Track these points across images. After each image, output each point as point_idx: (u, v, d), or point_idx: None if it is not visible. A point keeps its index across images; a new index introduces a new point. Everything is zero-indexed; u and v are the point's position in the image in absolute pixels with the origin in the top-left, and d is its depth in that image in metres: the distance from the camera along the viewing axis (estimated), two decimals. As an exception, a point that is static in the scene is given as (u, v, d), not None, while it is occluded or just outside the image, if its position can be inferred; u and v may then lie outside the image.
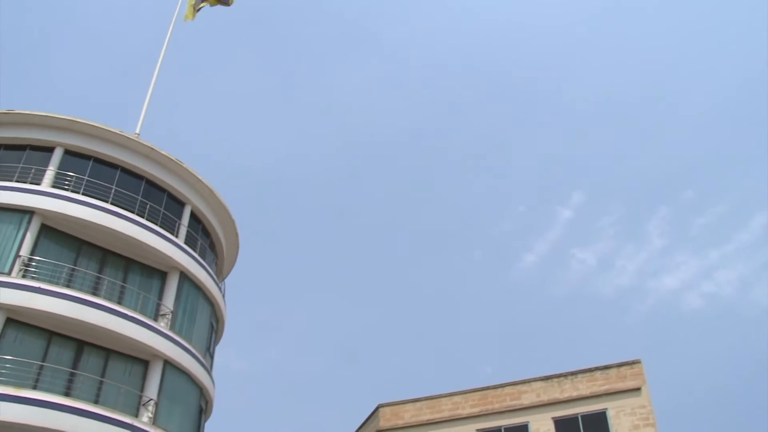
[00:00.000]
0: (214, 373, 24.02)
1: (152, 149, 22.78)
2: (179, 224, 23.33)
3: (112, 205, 21.17)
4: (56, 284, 19.19)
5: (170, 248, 22.09)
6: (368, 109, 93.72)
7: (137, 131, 24.28)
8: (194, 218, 24.50)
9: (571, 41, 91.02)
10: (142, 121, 25.09)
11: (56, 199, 20.28)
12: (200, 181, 24.16)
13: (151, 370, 20.56)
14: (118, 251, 21.45)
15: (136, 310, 20.49)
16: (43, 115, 21.64)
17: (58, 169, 21.25)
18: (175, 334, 21.20)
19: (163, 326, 20.91)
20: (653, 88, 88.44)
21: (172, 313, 21.56)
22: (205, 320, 23.66)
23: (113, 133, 22.16)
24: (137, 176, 22.74)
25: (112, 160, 22.21)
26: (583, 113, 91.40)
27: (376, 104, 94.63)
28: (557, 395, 27.47)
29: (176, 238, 22.70)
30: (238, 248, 27.47)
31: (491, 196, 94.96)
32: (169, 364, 20.85)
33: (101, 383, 19.37)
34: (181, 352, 21.24)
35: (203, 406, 22.91)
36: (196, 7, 28.50)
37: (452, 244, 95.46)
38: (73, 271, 20.09)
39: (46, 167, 21.15)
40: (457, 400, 29.23)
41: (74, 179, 21.15)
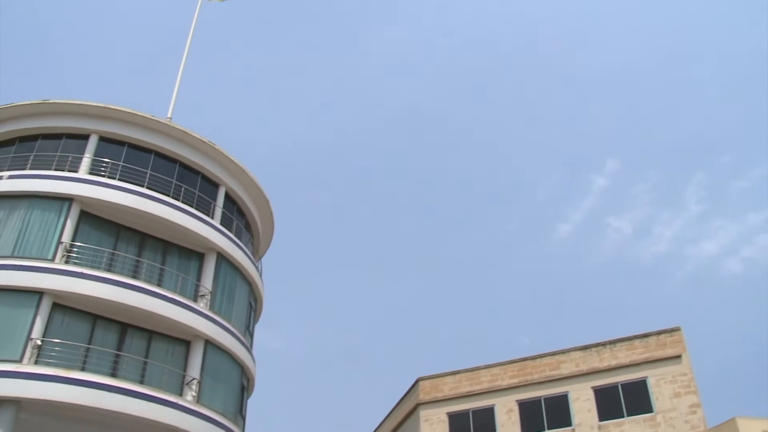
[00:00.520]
0: (254, 351, 24.40)
1: (185, 132, 23.01)
2: (214, 205, 23.59)
3: (147, 189, 21.47)
4: (98, 269, 19.60)
5: (206, 230, 22.36)
6: (395, 83, 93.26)
7: (169, 115, 24.56)
8: (229, 199, 24.75)
9: (600, 7, 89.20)
10: (173, 105, 25.41)
11: (93, 185, 20.65)
12: (233, 162, 24.36)
13: (192, 350, 20.95)
14: (155, 234, 21.77)
15: (175, 291, 20.83)
16: (77, 103, 21.99)
17: (93, 156, 21.63)
18: (214, 314, 21.53)
19: (202, 307, 21.25)
20: (687, 52, 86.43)
21: (210, 293, 21.88)
22: (243, 300, 23.98)
23: (146, 118, 22.43)
24: (171, 160, 23.01)
25: (145, 144, 22.51)
26: (614, 80, 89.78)
27: (403, 78, 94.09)
28: (596, 365, 27.35)
29: (212, 219, 22.97)
30: (273, 227, 27.73)
31: (524, 166, 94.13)
32: (210, 343, 21.22)
33: (145, 364, 19.83)
34: (221, 331, 21.58)
35: (245, 384, 23.32)
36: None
37: (487, 216, 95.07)
38: (113, 255, 20.49)
39: (82, 155, 21.54)
40: (496, 371, 29.30)
41: (110, 165, 21.50)
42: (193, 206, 22.44)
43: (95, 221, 20.72)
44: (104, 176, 21.15)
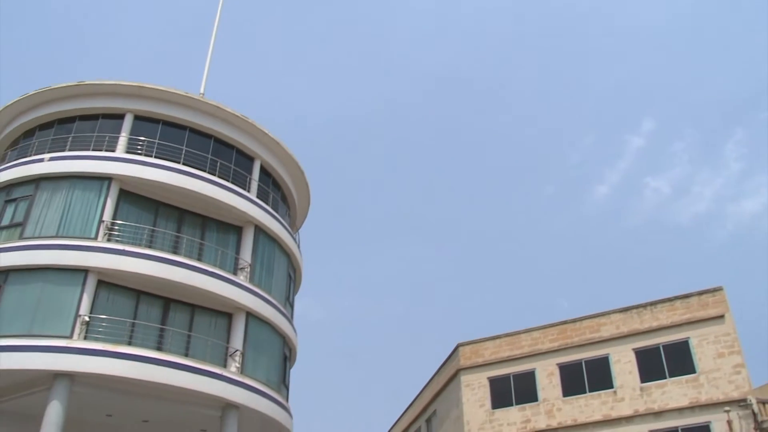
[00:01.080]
0: (294, 322, 24.76)
1: (218, 107, 23.15)
2: (250, 179, 23.79)
3: (183, 165, 21.73)
4: (139, 246, 20.01)
5: (244, 203, 22.60)
6: (425, 52, 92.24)
7: (201, 91, 24.73)
8: (264, 172, 24.92)
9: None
10: (205, 81, 25.56)
11: (131, 164, 20.97)
12: (267, 135, 24.47)
13: (234, 322, 21.33)
14: (194, 210, 22.07)
15: (215, 265, 21.16)
16: (112, 83, 22.24)
17: (129, 134, 21.91)
18: (254, 286, 21.85)
19: (242, 279, 21.57)
20: (725, 5, 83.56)
21: (250, 266, 22.17)
22: (282, 271, 24.26)
23: (179, 95, 22.61)
24: (206, 135, 23.21)
25: (180, 121, 22.72)
26: (648, 38, 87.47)
27: (432, 47, 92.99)
28: (637, 326, 27.15)
29: (248, 193, 23.18)
30: (309, 198, 27.89)
31: (558, 129, 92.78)
32: (251, 315, 21.57)
33: (189, 337, 20.27)
34: (261, 303, 21.91)
35: (287, 354, 23.71)
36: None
37: (523, 180, 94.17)
38: (153, 232, 20.86)
39: (118, 134, 21.84)
40: (536, 335, 29.31)
41: (146, 143, 21.79)
42: (229, 180, 22.66)
43: (134, 199, 21.08)
44: (141, 154, 21.46)
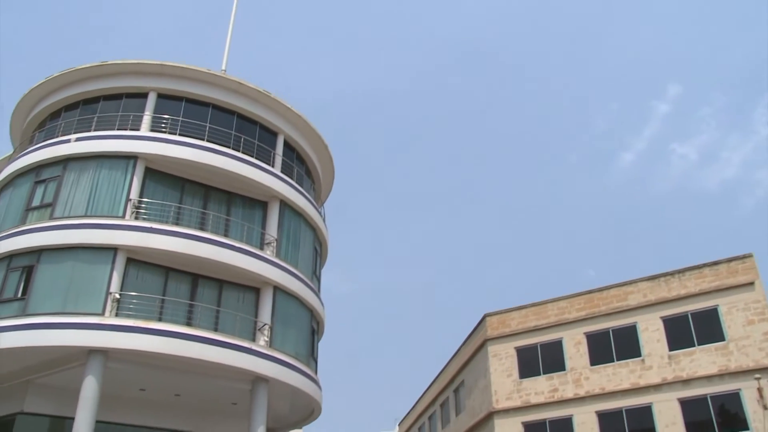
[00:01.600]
0: (321, 295, 24.97)
1: (240, 83, 23.18)
2: (274, 154, 23.86)
3: (207, 142, 21.85)
4: (166, 223, 20.25)
5: (268, 178, 22.71)
6: (450, 20, 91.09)
7: (223, 68, 24.76)
8: (288, 147, 24.98)
9: None
10: (226, 57, 25.57)
11: (156, 142, 21.12)
12: (290, 109, 24.48)
13: (262, 296, 21.58)
14: (219, 186, 22.24)
15: (242, 240, 21.37)
16: (134, 62, 22.35)
17: (153, 113, 22.05)
18: (281, 260, 22.04)
19: (269, 254, 21.77)
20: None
21: (276, 240, 22.35)
22: (308, 245, 24.42)
23: (202, 72, 22.64)
24: (229, 111, 23.28)
25: (202, 98, 22.79)
26: (672, 2, 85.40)
27: (458, 15, 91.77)
28: (665, 294, 26.97)
29: (273, 168, 23.27)
30: (333, 172, 27.94)
31: (582, 97, 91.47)
32: (278, 289, 21.79)
33: (218, 312, 20.57)
34: (288, 277, 22.11)
35: (315, 327, 23.96)
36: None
37: (546, 150, 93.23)
38: (179, 209, 21.06)
39: (142, 113, 21.99)
40: (562, 305, 29.26)
41: (170, 121, 21.92)
42: (253, 156, 22.75)
43: (160, 177, 21.27)
44: (165, 132, 21.61)
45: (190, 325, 19.52)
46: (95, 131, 21.51)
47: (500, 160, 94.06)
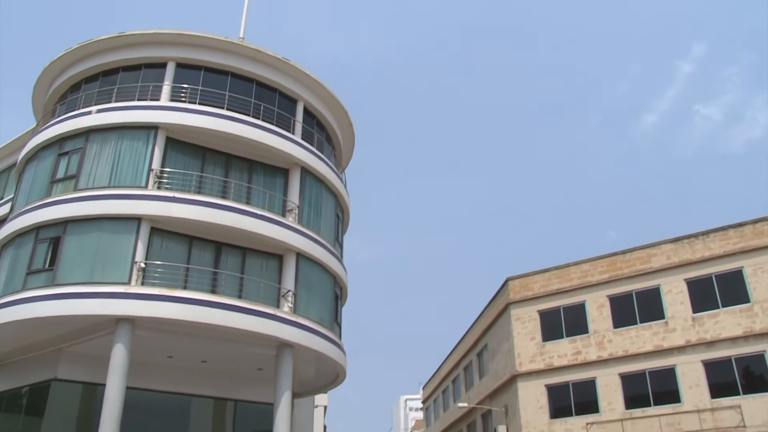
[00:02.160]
0: (344, 261, 25.10)
1: (258, 51, 23.07)
2: (294, 121, 23.82)
3: (227, 110, 21.86)
4: (188, 192, 20.39)
5: (289, 145, 22.71)
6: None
7: (241, 36, 24.64)
8: (308, 114, 24.91)
9: None
10: (244, 25, 25.44)
11: (176, 111, 21.17)
12: (309, 76, 24.37)
13: (285, 263, 21.73)
14: (240, 154, 22.28)
15: (264, 208, 21.46)
16: (152, 32, 22.30)
17: (172, 83, 22.07)
18: (303, 227, 22.15)
19: (291, 221, 21.88)
20: None
21: (298, 207, 22.43)
22: (330, 211, 24.49)
23: (220, 40, 22.57)
24: (248, 79, 23.22)
25: (221, 67, 22.73)
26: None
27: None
28: (689, 256, 26.77)
29: (293, 135, 23.26)
30: (353, 138, 27.87)
31: (602, 58, 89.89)
32: (301, 256, 21.93)
33: (242, 279, 20.78)
34: (311, 243, 22.24)
35: (338, 293, 24.14)
36: None
37: (567, 112, 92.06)
38: (201, 178, 21.16)
39: (161, 83, 22.01)
40: (585, 267, 29.19)
41: (189, 90, 21.92)
42: (273, 123, 22.73)
43: (181, 146, 21.36)
44: (185, 101, 21.64)
45: (214, 292, 19.75)
46: (115, 102, 21.63)
47: (522, 124, 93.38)
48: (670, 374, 25.75)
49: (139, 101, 21.50)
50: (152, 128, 20.92)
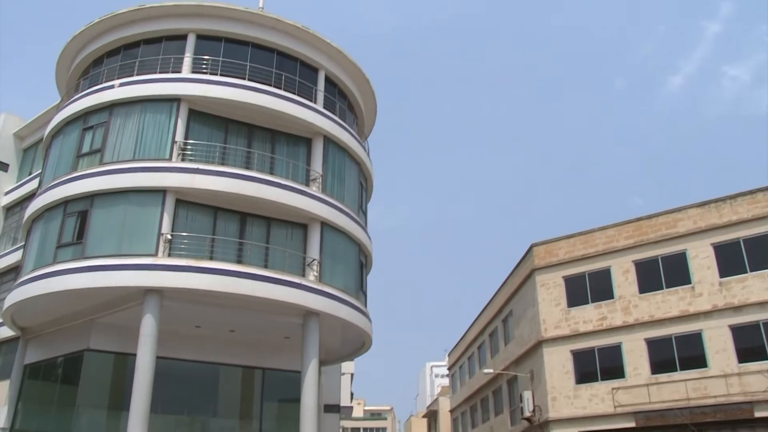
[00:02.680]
0: (369, 229, 25.16)
1: (279, 20, 22.95)
2: (316, 90, 23.75)
3: (249, 81, 21.84)
4: (212, 163, 20.52)
5: (311, 115, 22.68)
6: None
7: (261, 5, 24.48)
8: (329, 83, 24.81)
9: None
10: (263, -6, 25.27)
11: (198, 83, 21.21)
12: (330, 45, 24.22)
13: (310, 232, 21.84)
14: (262, 124, 22.30)
15: (287, 178, 21.52)
16: (171, 5, 22.25)
17: (194, 54, 22.08)
18: (327, 196, 22.21)
19: (315, 190, 21.93)
20: None
21: (321, 176, 22.46)
22: (353, 180, 24.50)
23: (239, 11, 22.47)
24: (268, 49, 23.14)
25: (242, 37, 22.67)
26: None
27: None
28: (716, 221, 26.41)
29: (315, 104, 23.21)
30: (375, 106, 27.75)
31: (626, 20, 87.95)
32: (326, 225, 22.03)
33: (267, 249, 20.94)
34: (335, 212, 22.31)
35: (363, 261, 24.25)
36: None
37: (591, 77, 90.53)
38: (224, 149, 21.26)
39: (182, 55, 22.02)
40: (610, 233, 28.95)
41: (210, 62, 21.92)
42: (294, 93, 22.69)
43: (204, 118, 21.42)
44: (206, 73, 21.66)
45: (240, 262, 19.94)
46: (138, 76, 21.71)
47: (544, 90, 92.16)
48: (696, 339, 25.61)
49: (160, 74, 21.57)
50: (175, 100, 20.99)
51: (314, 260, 21.27)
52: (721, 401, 24.23)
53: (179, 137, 20.55)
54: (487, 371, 35.12)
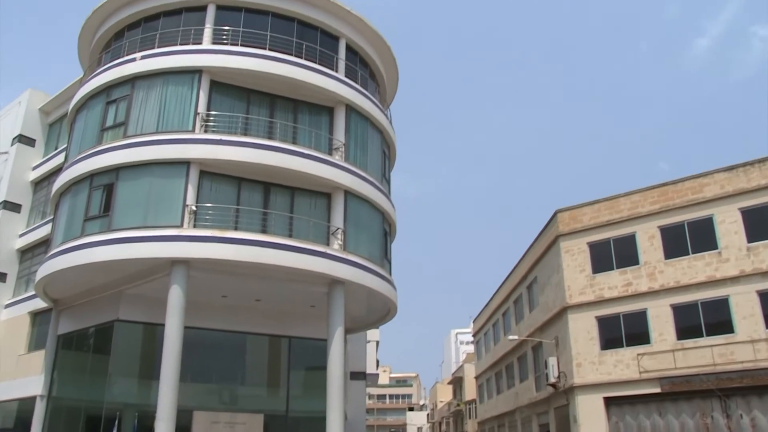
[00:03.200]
0: (392, 197, 25.16)
1: (297, -12, 22.79)
2: (337, 59, 23.63)
3: (270, 50, 21.77)
4: (235, 134, 20.56)
5: (333, 83, 22.59)
6: None
7: (280, -26, 24.26)
8: (350, 51, 24.66)
9: None
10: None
11: (219, 54, 21.17)
12: (350, 13, 24.03)
13: (334, 201, 21.90)
14: (284, 94, 22.24)
15: (310, 147, 21.54)
16: (189, -26, 22.18)
17: (214, 25, 22.00)
18: (350, 164, 22.20)
19: (338, 159, 21.93)
20: None
21: (344, 145, 22.44)
22: (376, 148, 24.44)
23: (258, -21, 22.34)
24: (288, 18, 23.00)
25: (261, 7, 22.52)
26: None
27: None
28: (743, 185, 25.97)
29: (336, 73, 23.11)
30: (397, 73, 27.56)
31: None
32: (349, 193, 22.05)
33: (291, 218, 21.04)
34: (358, 181, 22.32)
35: (387, 229, 24.28)
36: None
37: (615, 39, 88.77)
38: (246, 119, 21.27)
39: (203, 26, 21.95)
40: (635, 198, 28.65)
41: (231, 32, 21.85)
42: (316, 62, 22.59)
43: (225, 89, 21.41)
44: (227, 44, 21.61)
45: (264, 232, 20.08)
46: (159, 48, 21.71)
47: (566, 54, 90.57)
48: (723, 305, 25.40)
49: (181, 45, 21.56)
50: (196, 72, 21.00)
51: (338, 229, 21.35)
52: (748, 367, 24.08)
53: (201, 109, 20.59)
54: (512, 338, 35.23)
